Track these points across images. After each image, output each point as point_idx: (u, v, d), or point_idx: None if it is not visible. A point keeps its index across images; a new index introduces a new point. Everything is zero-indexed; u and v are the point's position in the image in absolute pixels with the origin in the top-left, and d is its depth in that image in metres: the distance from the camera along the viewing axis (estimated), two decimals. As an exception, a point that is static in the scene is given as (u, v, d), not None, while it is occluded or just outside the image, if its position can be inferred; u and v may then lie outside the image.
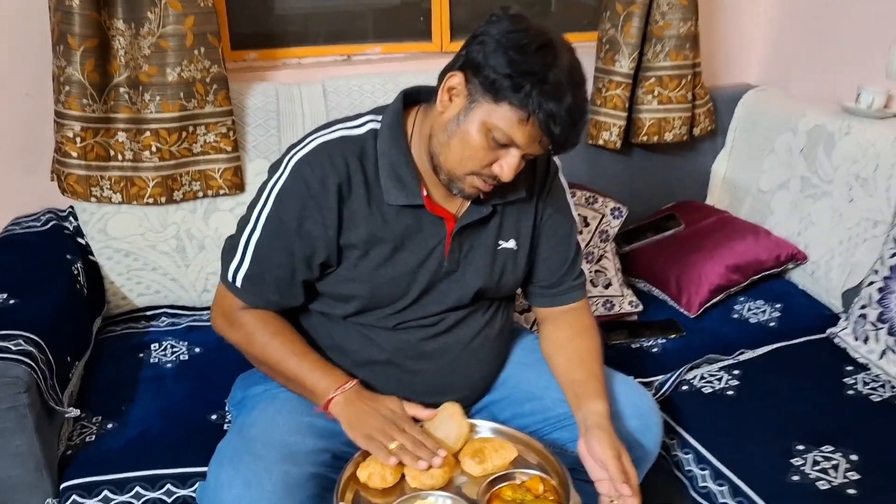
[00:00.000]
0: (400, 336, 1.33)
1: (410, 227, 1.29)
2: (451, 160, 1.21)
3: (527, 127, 1.14)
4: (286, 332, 1.32)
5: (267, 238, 1.28)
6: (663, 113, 2.15)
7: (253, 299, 1.31)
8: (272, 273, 1.29)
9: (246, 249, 1.29)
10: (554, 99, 1.12)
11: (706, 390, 1.59)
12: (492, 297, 1.40)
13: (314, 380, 1.27)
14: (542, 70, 1.12)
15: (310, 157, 1.25)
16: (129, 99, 1.79)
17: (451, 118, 1.20)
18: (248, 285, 1.30)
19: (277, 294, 1.30)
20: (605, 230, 1.89)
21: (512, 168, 1.19)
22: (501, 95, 1.13)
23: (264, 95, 1.96)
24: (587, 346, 1.38)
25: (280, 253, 1.27)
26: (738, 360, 1.67)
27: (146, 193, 1.84)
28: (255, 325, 1.31)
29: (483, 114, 1.16)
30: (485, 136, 1.17)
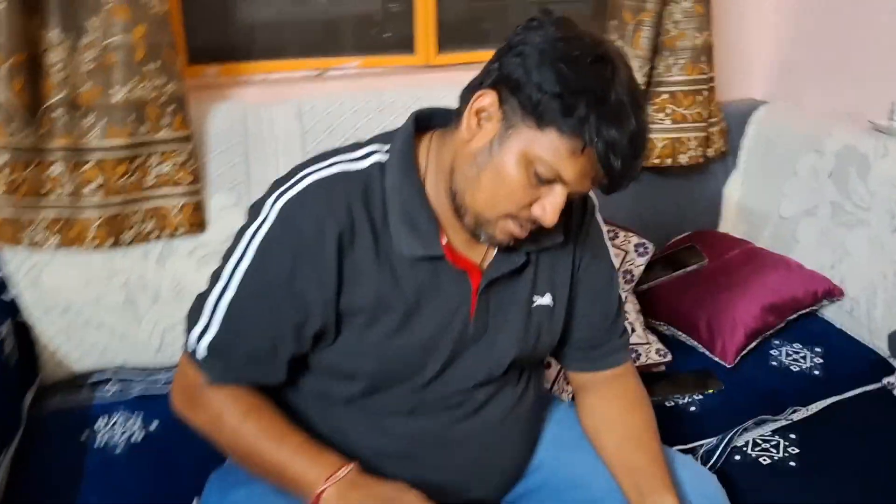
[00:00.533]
0: (419, 422, 1.07)
1: (427, 284, 1.03)
2: (481, 200, 0.96)
3: (580, 159, 0.91)
4: (262, 410, 1.04)
5: (244, 299, 1.00)
6: (677, 132, 1.94)
7: (220, 374, 1.03)
8: (248, 344, 1.02)
9: (215, 312, 1.01)
10: (616, 124, 0.89)
11: (764, 460, 1.36)
12: (525, 363, 1.15)
13: (299, 469, 0.98)
14: (601, 88, 0.89)
15: (303, 199, 0.99)
16: (67, 124, 1.49)
17: (480, 148, 0.95)
18: (215, 357, 1.02)
19: (252, 370, 1.03)
20: (629, 270, 1.66)
21: (556, 209, 0.95)
22: (548, 119, 0.89)
23: (229, 117, 1.68)
24: (642, 422, 1.15)
25: (261, 319, 1.00)
26: (792, 421, 1.46)
27: (88, 236, 1.54)
28: (222, 405, 1.03)
29: (523, 142, 0.92)
30: (525, 171, 0.93)
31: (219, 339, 1.01)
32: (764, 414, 1.48)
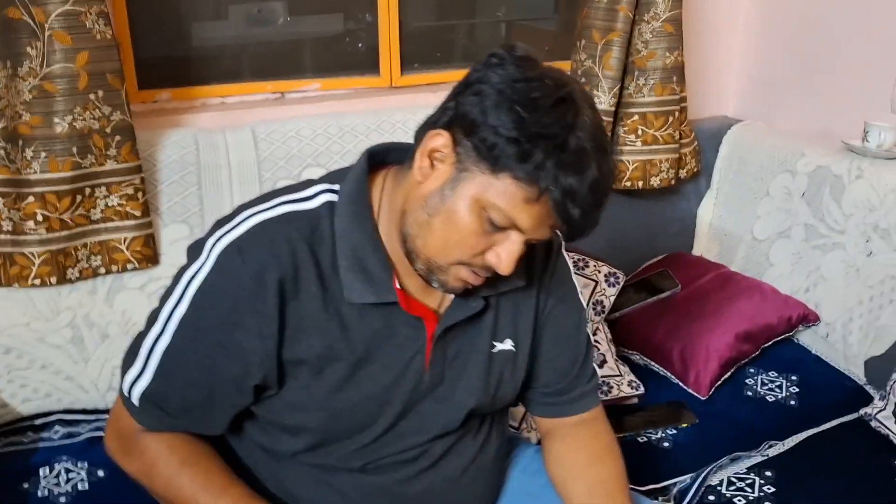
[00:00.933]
0: (370, 479, 1.00)
1: (379, 333, 0.96)
2: (432, 246, 0.90)
3: (535, 207, 0.85)
4: (199, 461, 0.98)
5: (179, 348, 0.94)
6: (648, 154, 1.90)
7: (154, 423, 0.97)
8: (183, 394, 0.95)
9: (150, 358, 0.95)
10: (574, 171, 0.83)
11: (739, 500, 1.31)
12: (486, 412, 1.09)
13: None
14: (561, 133, 0.83)
15: (242, 243, 0.92)
16: (7, 156, 1.42)
17: (432, 191, 0.89)
18: (148, 406, 0.96)
19: (187, 421, 0.97)
20: (599, 301, 1.61)
21: (512, 258, 0.89)
22: (503, 165, 0.83)
23: (180, 145, 1.60)
24: (610, 473, 1.09)
25: (196, 370, 0.94)
26: (768, 456, 1.41)
27: (31, 273, 1.46)
28: (158, 454, 0.97)
29: (477, 187, 0.86)
30: (478, 217, 0.86)
31: (153, 387, 0.95)
32: (739, 448, 1.43)
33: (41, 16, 1.36)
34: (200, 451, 0.98)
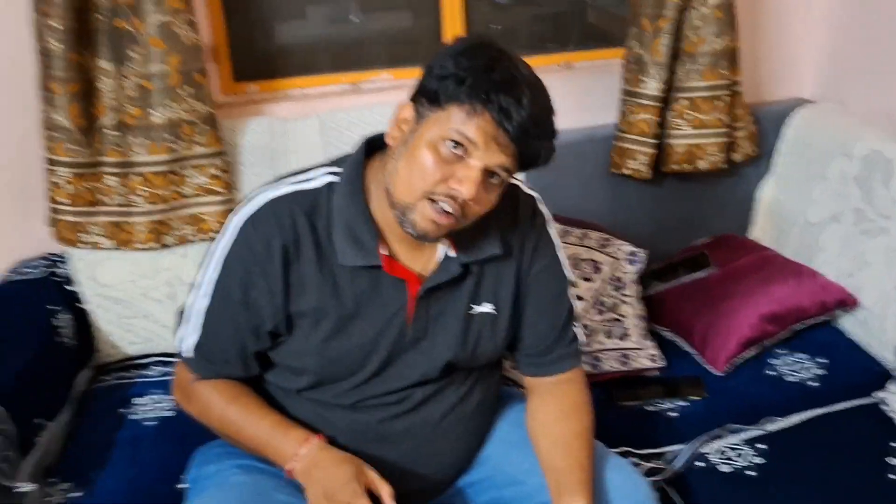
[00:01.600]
0: (358, 416, 1.20)
1: (367, 292, 1.15)
2: (400, 188, 1.07)
3: (478, 120, 1.00)
4: (242, 397, 1.21)
5: (215, 307, 1.17)
6: (696, 138, 1.94)
7: (203, 372, 1.21)
8: (221, 345, 1.18)
9: (195, 318, 1.19)
10: (505, 91, 1.00)
11: (724, 468, 1.39)
12: (467, 367, 1.25)
13: (274, 445, 1.16)
14: (488, 64, 1.00)
15: (254, 217, 1.14)
16: (117, 142, 1.73)
17: (399, 144, 1.07)
18: (199, 357, 1.20)
19: (229, 367, 1.20)
20: (618, 277, 1.70)
21: (473, 181, 1.02)
22: (447, 97, 1.02)
23: (258, 132, 1.86)
24: (575, 428, 1.22)
25: (228, 325, 1.17)
26: (767, 431, 1.47)
27: (136, 239, 1.77)
28: (209, 396, 1.21)
29: (430, 127, 1.03)
30: (433, 151, 1.03)
31: (198, 342, 1.19)
32: (743, 423, 1.49)
33: (140, 25, 1.65)
34: (241, 391, 1.21)
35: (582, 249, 1.73)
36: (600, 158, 2.02)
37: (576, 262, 1.71)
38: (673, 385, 1.63)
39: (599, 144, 2.02)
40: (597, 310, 1.67)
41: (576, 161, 2.02)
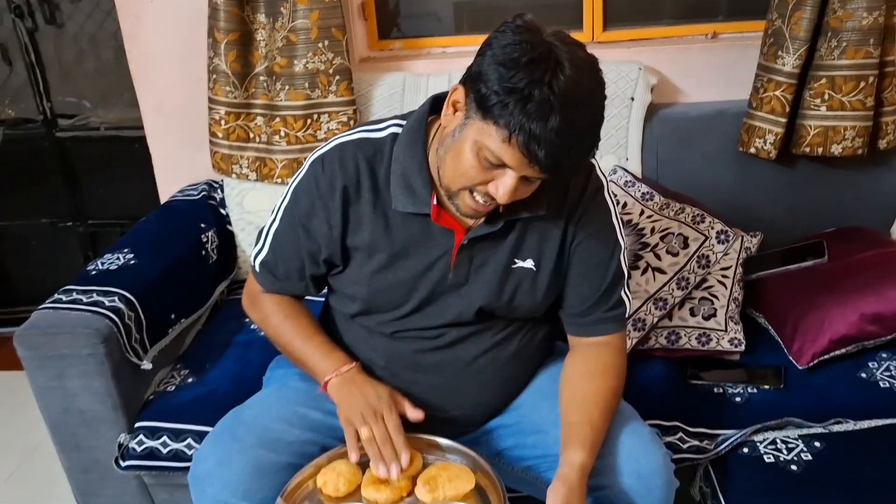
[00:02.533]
0: (396, 345, 1.33)
1: (416, 236, 1.27)
2: (447, 175, 1.17)
3: (511, 147, 1.06)
4: (298, 315, 1.38)
5: (282, 229, 1.33)
6: (832, 121, 1.81)
7: (268, 285, 1.38)
8: (284, 263, 1.34)
9: (266, 237, 1.36)
10: (537, 118, 1.03)
11: (768, 458, 1.35)
12: (504, 316, 1.33)
13: (316, 361, 1.31)
14: (528, 87, 1.02)
15: (324, 157, 1.28)
16: (266, 87, 1.97)
17: (449, 133, 1.15)
18: (264, 272, 1.37)
19: (288, 284, 1.36)
20: (705, 255, 1.66)
21: (507, 190, 1.11)
22: (489, 113, 1.06)
23: (391, 86, 2.02)
24: (595, 388, 1.26)
25: (291, 246, 1.32)
26: (829, 431, 1.39)
27: (275, 173, 2.02)
28: (270, 308, 1.39)
29: (475, 132, 1.10)
30: (476, 156, 1.11)
31: (266, 257, 1.36)
32: (810, 419, 1.43)
33: (288, -16, 1.86)
34: (298, 309, 1.39)
35: (675, 224, 1.70)
36: (729, 135, 1.95)
37: (665, 236, 1.69)
38: (749, 371, 1.58)
39: (730, 120, 1.94)
40: (678, 286, 1.65)
41: (703, 136, 1.97)
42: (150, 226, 1.97)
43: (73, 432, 1.61)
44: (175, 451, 1.57)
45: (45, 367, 1.54)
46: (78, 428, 1.60)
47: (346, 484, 1.19)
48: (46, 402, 1.59)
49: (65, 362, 1.53)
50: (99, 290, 1.63)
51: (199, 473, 1.25)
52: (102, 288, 1.63)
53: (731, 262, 1.69)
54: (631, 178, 1.85)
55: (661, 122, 1.97)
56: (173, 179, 2.22)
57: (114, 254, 1.79)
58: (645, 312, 1.64)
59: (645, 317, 1.64)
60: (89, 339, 1.51)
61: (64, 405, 1.58)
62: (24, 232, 2.82)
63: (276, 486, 1.21)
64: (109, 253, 1.80)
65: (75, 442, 1.62)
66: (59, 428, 1.61)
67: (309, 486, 1.22)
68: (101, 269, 1.73)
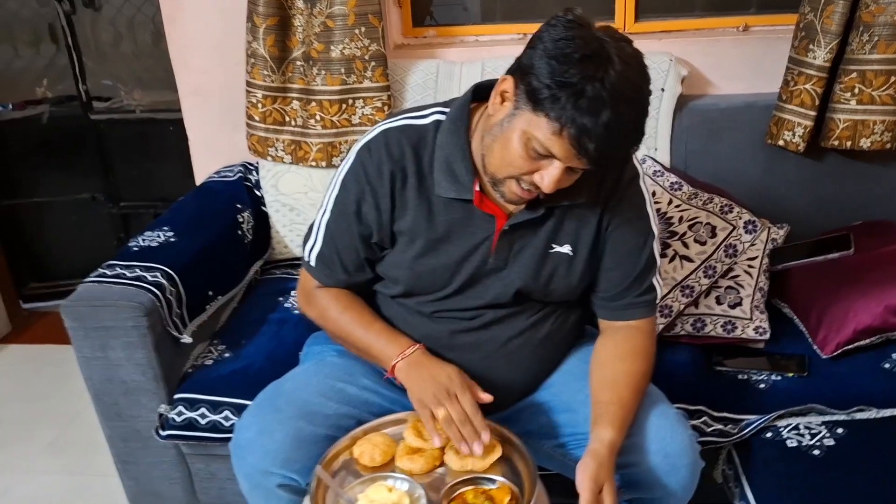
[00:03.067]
0: (434, 324, 1.37)
1: (458, 221, 1.31)
2: (493, 163, 1.21)
3: (560, 140, 1.10)
4: (356, 306, 1.40)
5: (334, 220, 1.37)
6: (862, 115, 1.83)
7: (325, 278, 1.41)
8: (340, 253, 1.37)
9: (318, 230, 1.39)
10: (589, 114, 1.06)
11: (791, 443, 1.39)
12: (541, 300, 1.37)
13: (380, 347, 1.34)
14: (581, 82, 1.06)
15: (370, 144, 1.32)
16: (303, 71, 2.01)
17: (497, 122, 1.19)
18: (320, 265, 1.40)
19: (346, 273, 1.39)
20: (732, 244, 1.69)
21: (553, 180, 1.15)
22: (540, 106, 1.10)
23: (425, 73, 2.06)
24: (626, 369, 1.30)
25: (345, 234, 1.36)
26: (852, 418, 1.42)
27: (310, 157, 2.06)
28: (327, 302, 1.41)
29: (524, 123, 1.13)
30: (524, 146, 1.14)
31: (322, 250, 1.39)
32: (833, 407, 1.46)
33: (328, -29, 1.90)
34: (354, 300, 1.41)
35: (703, 213, 1.73)
36: (757, 127, 1.97)
37: (693, 225, 1.72)
38: (773, 359, 1.61)
39: (759, 112, 1.96)
40: (705, 274, 1.68)
41: (732, 128, 1.99)
42: (188, 205, 2.02)
43: (115, 402, 1.67)
44: (213, 422, 1.62)
45: (91, 337, 1.60)
46: (120, 397, 1.66)
47: (382, 455, 1.24)
48: (90, 371, 1.64)
49: (109, 334, 1.59)
50: (141, 265, 1.69)
51: (240, 442, 1.30)
52: (144, 263, 1.69)
53: (758, 252, 1.72)
54: (660, 168, 1.87)
55: (691, 113, 1.99)
56: (209, 161, 2.27)
57: (154, 231, 1.85)
58: (672, 299, 1.68)
59: (672, 304, 1.68)
60: (133, 311, 1.57)
61: (107, 375, 1.64)
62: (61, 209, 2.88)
63: (314, 456, 1.26)
64: (150, 230, 1.85)
65: (117, 411, 1.69)
66: (102, 397, 1.67)
67: (345, 456, 1.27)
68: (142, 245, 1.78)
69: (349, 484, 1.19)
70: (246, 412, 1.33)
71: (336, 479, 1.20)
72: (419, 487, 1.16)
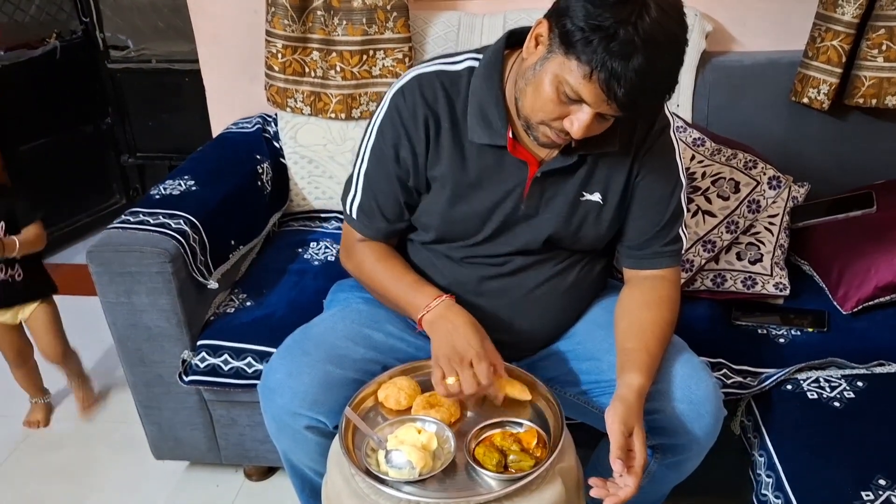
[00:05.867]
0: (463, 270, 1.38)
1: (491, 167, 1.31)
2: (526, 107, 1.21)
3: (591, 84, 1.09)
4: (389, 257, 1.41)
5: (373, 168, 1.36)
6: (888, 72, 1.81)
7: (365, 229, 1.40)
8: (378, 200, 1.37)
9: (357, 181, 1.39)
10: (620, 57, 1.05)
11: (811, 395, 1.40)
12: (569, 247, 1.38)
13: (410, 298, 1.34)
14: (614, 25, 1.04)
15: (404, 89, 1.32)
16: (324, 21, 1.99)
17: (530, 66, 1.18)
18: (361, 215, 1.39)
19: (386, 221, 1.38)
20: (756, 200, 1.69)
21: (582, 125, 1.14)
22: (572, 49, 1.09)
23: (447, 24, 2.04)
24: (652, 318, 1.30)
25: (384, 180, 1.35)
26: (871, 372, 1.44)
27: (329, 108, 2.05)
28: (364, 255, 1.41)
29: (556, 66, 1.12)
30: (555, 90, 1.14)
31: (362, 200, 1.39)
32: (853, 361, 1.47)
33: (352, -82, 1.87)
34: (389, 253, 1.42)
35: (727, 169, 1.73)
36: (781, 84, 1.95)
37: (716, 181, 1.72)
38: (793, 315, 1.62)
39: (783, 69, 1.95)
40: (727, 229, 1.68)
41: (755, 84, 1.97)
42: (207, 155, 2.02)
43: (138, 347, 1.69)
44: (236, 368, 1.64)
45: (115, 283, 1.61)
46: (143, 343, 1.68)
47: (407, 398, 1.25)
48: (115, 317, 1.66)
49: (133, 279, 1.60)
50: (164, 212, 1.69)
51: (269, 384, 1.31)
52: (168, 211, 1.69)
53: (779, 209, 1.72)
54: (682, 124, 1.86)
55: (714, 69, 1.97)
56: (226, 112, 2.26)
57: (175, 180, 1.85)
58: (693, 254, 1.68)
59: (693, 258, 1.68)
60: (158, 257, 1.58)
61: (131, 321, 1.65)
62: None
63: (341, 399, 1.28)
64: (171, 179, 1.85)
65: (140, 357, 1.70)
66: (126, 343, 1.69)
67: (371, 401, 1.28)
68: (164, 193, 1.79)
69: (377, 426, 1.21)
70: (275, 355, 1.35)
71: (364, 420, 1.21)
72: (447, 429, 1.18)
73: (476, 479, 1.12)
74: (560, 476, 1.14)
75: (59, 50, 2.70)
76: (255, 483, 1.95)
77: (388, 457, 1.13)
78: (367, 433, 1.18)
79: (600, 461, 1.35)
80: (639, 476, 1.13)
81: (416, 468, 1.10)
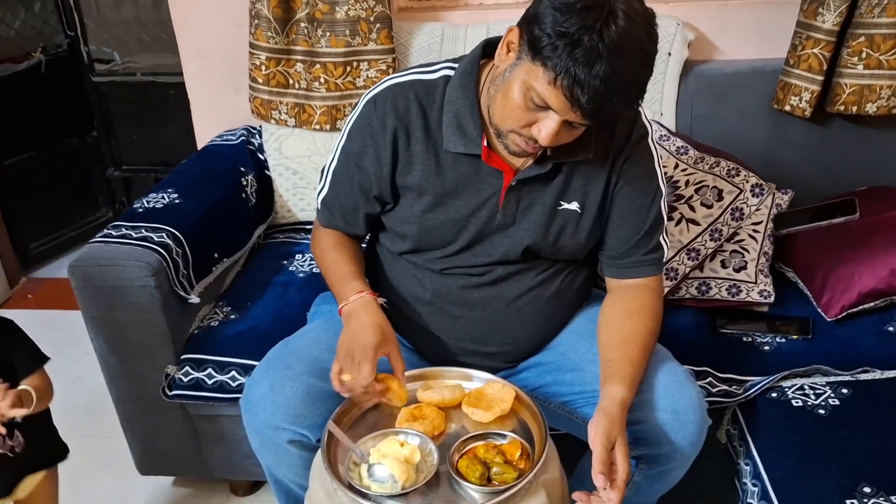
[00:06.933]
0: (444, 280, 1.38)
1: (466, 176, 1.31)
2: (496, 114, 1.21)
3: (557, 90, 1.09)
4: (341, 246, 1.43)
5: (341, 167, 1.39)
6: (868, 79, 1.82)
7: (325, 221, 1.45)
8: (340, 200, 1.40)
9: (327, 176, 1.42)
10: (584, 64, 1.05)
11: (796, 403, 1.40)
12: (549, 257, 1.37)
13: (339, 289, 1.36)
14: (579, 32, 1.05)
15: (377, 98, 1.32)
16: (307, 33, 1.99)
17: (501, 72, 1.19)
18: (323, 208, 1.44)
19: (343, 220, 1.42)
20: (739, 208, 1.69)
21: (550, 132, 1.15)
22: (538, 55, 1.09)
23: (430, 35, 2.04)
24: (634, 327, 1.30)
25: (347, 183, 1.38)
26: (856, 379, 1.44)
27: (314, 120, 2.05)
28: (322, 239, 1.45)
29: (524, 72, 1.13)
30: (523, 96, 1.14)
31: (327, 195, 1.43)
32: (838, 368, 1.47)
33: (333, -69, 1.88)
34: (343, 242, 1.44)
35: (710, 177, 1.73)
36: (764, 92, 1.96)
37: (700, 189, 1.72)
38: (777, 322, 1.62)
39: (765, 77, 1.96)
40: (711, 237, 1.69)
41: (738, 93, 1.98)
42: (191, 168, 2.01)
43: (122, 362, 1.68)
44: (220, 382, 1.63)
45: (97, 298, 1.60)
46: (127, 358, 1.67)
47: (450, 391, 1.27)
48: (97, 332, 1.65)
49: (116, 294, 1.59)
50: (147, 226, 1.68)
51: (252, 398, 1.31)
52: (151, 224, 1.68)
53: (763, 217, 1.73)
54: (665, 133, 1.87)
55: (697, 77, 1.98)
56: (211, 124, 2.26)
57: (158, 193, 1.84)
58: (677, 262, 1.68)
59: (677, 266, 1.68)
60: (140, 271, 1.57)
61: (114, 336, 1.64)
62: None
63: (325, 412, 1.27)
64: (154, 192, 1.84)
65: (124, 371, 1.69)
66: (109, 358, 1.68)
67: (354, 414, 1.27)
68: (147, 206, 1.78)
69: (360, 439, 1.20)
70: (257, 368, 1.34)
71: (347, 434, 1.20)
72: (430, 442, 1.17)
73: (459, 492, 1.11)
74: (544, 488, 1.14)
75: (44, 64, 2.71)
76: (242, 498, 1.93)
77: (370, 470, 1.12)
78: (349, 447, 1.17)
79: (585, 473, 1.34)
80: (622, 490, 1.12)
81: (399, 482, 1.09)
